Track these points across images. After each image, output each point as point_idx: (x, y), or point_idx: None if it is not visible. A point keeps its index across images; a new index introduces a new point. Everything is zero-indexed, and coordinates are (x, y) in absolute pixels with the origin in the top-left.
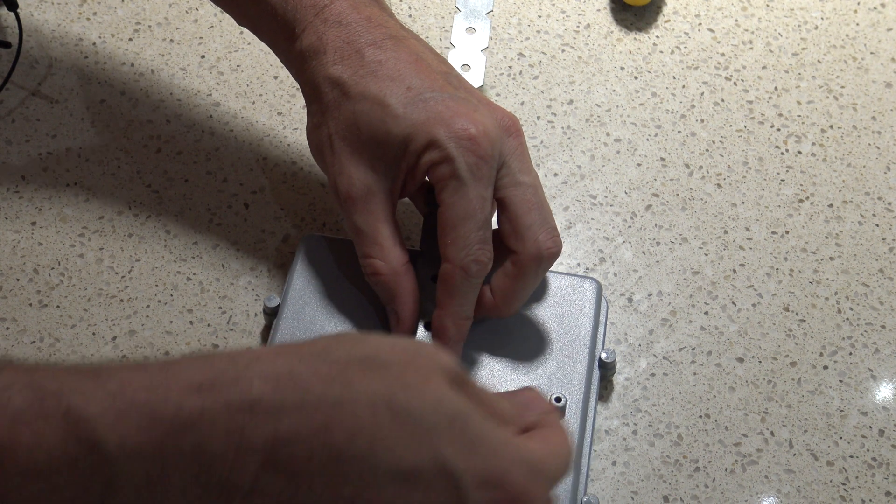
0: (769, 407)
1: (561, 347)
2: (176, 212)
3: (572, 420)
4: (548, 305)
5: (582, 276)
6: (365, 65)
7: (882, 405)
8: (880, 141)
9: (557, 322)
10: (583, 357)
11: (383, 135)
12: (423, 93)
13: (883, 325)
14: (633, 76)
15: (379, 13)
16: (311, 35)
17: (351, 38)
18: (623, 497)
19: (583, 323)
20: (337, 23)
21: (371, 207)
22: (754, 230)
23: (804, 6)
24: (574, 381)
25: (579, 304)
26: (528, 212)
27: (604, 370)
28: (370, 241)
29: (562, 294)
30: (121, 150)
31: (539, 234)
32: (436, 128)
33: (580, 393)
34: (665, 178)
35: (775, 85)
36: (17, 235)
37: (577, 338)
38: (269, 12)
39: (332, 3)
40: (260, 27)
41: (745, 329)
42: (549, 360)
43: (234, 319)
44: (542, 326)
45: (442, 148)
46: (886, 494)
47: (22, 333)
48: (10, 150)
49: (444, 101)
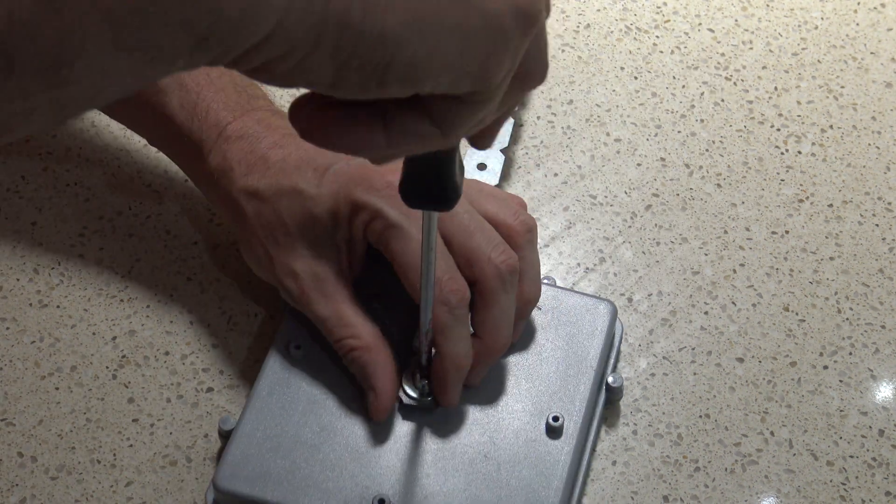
0: (769, 407)
1: (567, 367)
2: (176, 212)
3: (569, 441)
4: (559, 324)
5: (598, 298)
6: (270, 166)
7: (882, 405)
8: (880, 141)
9: (567, 341)
10: (587, 379)
11: (309, 220)
12: (330, 167)
13: (883, 325)
14: (633, 76)
15: (277, 119)
16: (217, 156)
17: (252, 147)
18: (623, 497)
19: (592, 344)
20: (238, 137)
21: (327, 292)
22: (754, 230)
23: (804, 6)
24: (575, 403)
25: (591, 325)
26: (471, 236)
27: (610, 394)
28: (338, 325)
29: (575, 313)
30: (121, 150)
31: (490, 252)
32: (354, 191)
33: (580, 415)
34: (665, 178)
35: (775, 85)
36: (17, 235)
37: (585, 359)
38: (177, 133)
39: (234, 121)
40: (171, 148)
41: (745, 329)
42: (552, 378)
43: (234, 319)
44: (550, 344)
45: (367, 206)
46: (886, 494)
47: (22, 333)
48: (10, 150)
49: (351, 166)
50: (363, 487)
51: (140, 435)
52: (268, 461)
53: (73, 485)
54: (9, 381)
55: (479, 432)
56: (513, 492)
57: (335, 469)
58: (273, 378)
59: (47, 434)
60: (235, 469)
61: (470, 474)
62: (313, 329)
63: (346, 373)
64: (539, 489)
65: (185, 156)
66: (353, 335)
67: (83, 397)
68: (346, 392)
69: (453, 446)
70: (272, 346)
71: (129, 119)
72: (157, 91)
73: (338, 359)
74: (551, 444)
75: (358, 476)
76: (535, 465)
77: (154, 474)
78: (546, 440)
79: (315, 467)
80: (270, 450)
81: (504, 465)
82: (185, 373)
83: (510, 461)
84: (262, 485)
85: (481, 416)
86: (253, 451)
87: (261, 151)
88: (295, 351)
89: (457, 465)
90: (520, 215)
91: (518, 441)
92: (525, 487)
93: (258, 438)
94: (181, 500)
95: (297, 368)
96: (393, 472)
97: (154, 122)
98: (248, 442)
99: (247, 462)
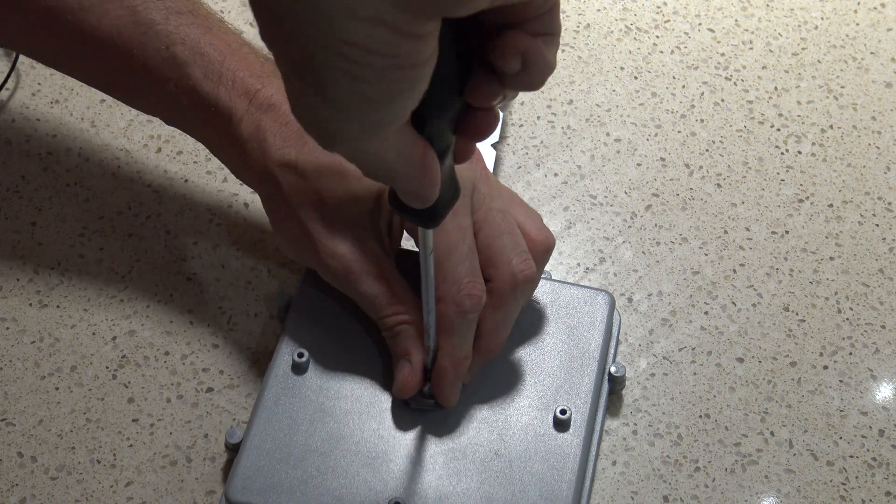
0: (769, 407)
1: (570, 360)
2: (176, 212)
3: (577, 434)
4: (559, 317)
5: (595, 289)
6: (308, 141)
7: (882, 405)
8: (880, 141)
9: (568, 334)
10: (591, 370)
11: (352, 202)
12: None
13: (883, 325)
14: (633, 76)
15: None
16: (249, 124)
17: (287, 119)
18: (623, 497)
19: (593, 336)
20: (270, 106)
21: (371, 270)
22: (754, 230)
23: (804, 6)
24: (581, 395)
25: (591, 316)
26: (500, 236)
27: (613, 384)
28: (389, 302)
29: (574, 306)
30: (121, 150)
31: (512, 258)
32: None
33: (587, 406)
34: (665, 178)
35: (775, 85)
36: (17, 235)
37: (587, 351)
38: (203, 103)
39: (263, 87)
40: (196, 119)
41: (745, 329)
42: (556, 371)
43: (234, 319)
44: (551, 338)
45: None
46: (886, 494)
47: (22, 333)
48: (10, 150)
49: None
50: (377, 493)
51: (140, 435)
52: (279, 471)
53: (73, 485)
54: (9, 381)
55: (488, 430)
56: (526, 487)
57: (347, 476)
58: (278, 387)
59: (47, 434)
60: (247, 481)
61: (482, 473)
62: (316, 335)
63: (351, 378)
64: (552, 483)
65: (211, 125)
66: (402, 311)
67: (83, 397)
68: (353, 398)
69: (463, 446)
70: (275, 353)
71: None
72: (177, 64)
73: (343, 364)
74: (560, 437)
75: (371, 482)
76: (546, 460)
77: (154, 474)
78: (555, 434)
79: (327, 475)
80: (281, 460)
81: (515, 461)
82: (185, 373)
83: (521, 457)
84: (276, 496)
85: (489, 413)
86: (263, 462)
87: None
88: (298, 359)
89: (468, 464)
90: (544, 231)
91: (527, 436)
92: (538, 482)
93: (267, 449)
94: (181, 500)
95: (301, 376)
96: (405, 475)
97: (176, 93)
98: (257, 453)
99: (258, 473)
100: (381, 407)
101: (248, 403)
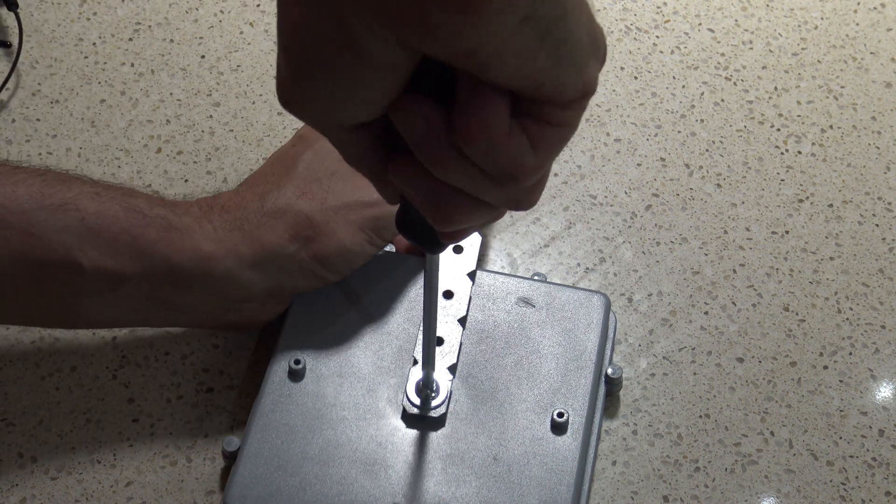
0: (769, 407)
1: (566, 362)
2: None
3: (575, 436)
4: (555, 319)
5: (590, 291)
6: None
7: (882, 405)
8: (880, 141)
9: (564, 336)
10: (588, 372)
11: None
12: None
13: (883, 325)
14: (633, 76)
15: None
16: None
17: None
18: (623, 497)
19: (589, 338)
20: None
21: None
22: (754, 230)
23: (804, 6)
24: (578, 397)
25: (587, 318)
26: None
27: (610, 386)
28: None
29: (569, 308)
30: (121, 150)
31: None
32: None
33: (584, 409)
34: (665, 178)
35: (775, 85)
36: None
37: (584, 353)
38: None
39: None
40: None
41: (745, 329)
42: (553, 374)
43: None
44: (547, 340)
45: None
46: (886, 494)
47: (22, 333)
48: (10, 150)
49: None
50: (375, 500)
51: (140, 435)
52: (277, 479)
53: (73, 485)
54: (9, 381)
55: (486, 435)
56: (525, 491)
57: (345, 483)
58: (274, 395)
59: (47, 434)
60: (245, 490)
61: (481, 478)
62: (313, 343)
63: (348, 385)
64: (551, 486)
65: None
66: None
67: (83, 397)
68: (350, 405)
69: (462, 451)
70: (271, 361)
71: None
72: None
73: (340, 371)
74: (558, 440)
75: (369, 489)
76: (544, 463)
77: (154, 474)
78: (552, 437)
79: (325, 482)
80: (278, 468)
81: (514, 465)
82: (185, 373)
83: (520, 461)
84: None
85: (486, 418)
86: (261, 470)
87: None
88: (295, 366)
89: (467, 469)
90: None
91: (525, 440)
92: (537, 486)
93: (265, 457)
94: (181, 500)
95: (297, 384)
96: (404, 482)
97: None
98: (255, 461)
99: (256, 482)
100: (379, 413)
101: (247, 404)
